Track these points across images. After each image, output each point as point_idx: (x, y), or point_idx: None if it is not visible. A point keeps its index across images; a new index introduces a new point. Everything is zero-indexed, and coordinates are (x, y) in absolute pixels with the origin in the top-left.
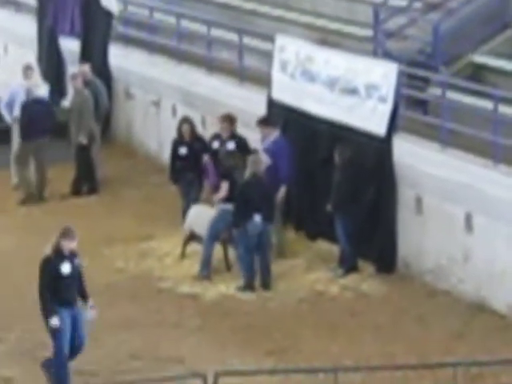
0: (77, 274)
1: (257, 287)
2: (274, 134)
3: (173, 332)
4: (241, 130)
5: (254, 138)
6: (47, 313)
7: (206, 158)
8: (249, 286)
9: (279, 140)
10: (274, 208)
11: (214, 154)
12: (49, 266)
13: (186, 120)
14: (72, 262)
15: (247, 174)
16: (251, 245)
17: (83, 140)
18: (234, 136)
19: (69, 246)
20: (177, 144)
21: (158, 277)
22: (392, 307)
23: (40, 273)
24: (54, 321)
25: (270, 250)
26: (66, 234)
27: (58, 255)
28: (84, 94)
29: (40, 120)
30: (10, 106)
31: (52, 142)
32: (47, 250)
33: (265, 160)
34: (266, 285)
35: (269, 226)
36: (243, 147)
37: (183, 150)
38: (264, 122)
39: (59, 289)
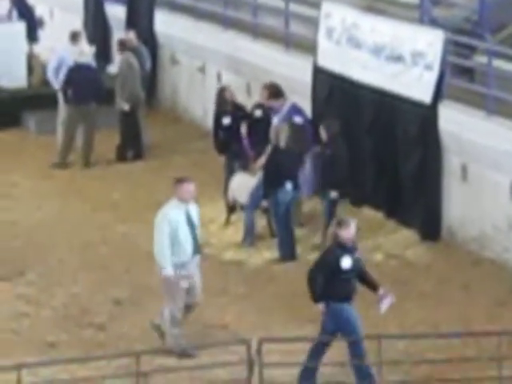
0: (358, 267)
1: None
2: (288, 103)
3: (217, 298)
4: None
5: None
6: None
7: (243, 127)
8: (287, 256)
9: (293, 109)
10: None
11: (256, 121)
12: (329, 258)
13: (225, 88)
14: (353, 255)
15: (273, 142)
16: (284, 213)
17: (125, 106)
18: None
19: (347, 235)
20: (219, 114)
21: (202, 243)
22: (436, 275)
23: (319, 262)
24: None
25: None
26: (342, 223)
27: (339, 247)
28: (130, 60)
29: (86, 86)
30: (56, 71)
31: (98, 108)
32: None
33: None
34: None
35: (297, 193)
36: None
37: (226, 120)
38: (276, 94)
39: (336, 283)
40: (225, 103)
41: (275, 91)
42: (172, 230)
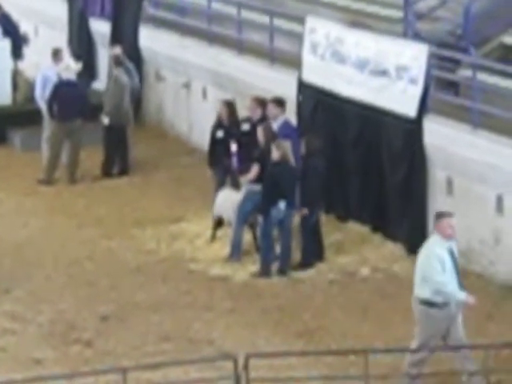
0: None
1: (273, 273)
2: (282, 117)
3: (203, 314)
4: None
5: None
6: None
7: (232, 144)
8: (264, 273)
9: (286, 125)
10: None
11: (244, 135)
12: None
13: (224, 103)
14: None
15: (275, 158)
16: (271, 230)
17: (104, 120)
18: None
19: None
20: (215, 127)
21: (188, 259)
22: None
23: None
24: None
25: (291, 236)
26: None
27: None
28: (120, 75)
29: (72, 102)
30: (43, 90)
31: (83, 124)
32: None
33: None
34: (283, 271)
35: (291, 211)
36: None
37: (220, 134)
38: (278, 102)
39: None
40: (219, 116)
41: (281, 100)
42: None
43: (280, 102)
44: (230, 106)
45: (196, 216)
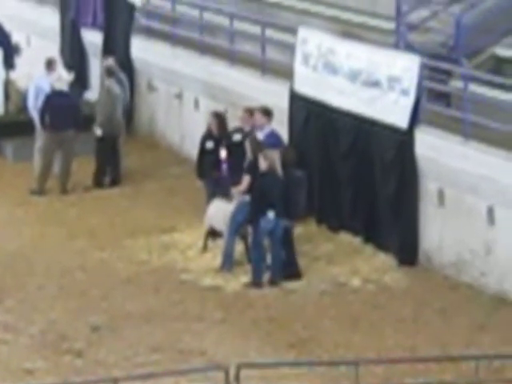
0: None
1: (265, 283)
2: (269, 126)
3: (195, 324)
4: None
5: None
6: None
7: (222, 151)
8: (255, 283)
9: (272, 135)
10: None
11: (235, 146)
12: None
13: (213, 114)
14: None
15: (263, 168)
16: (262, 241)
17: (97, 131)
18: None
19: None
20: (204, 138)
21: (180, 269)
22: (414, 300)
23: None
24: None
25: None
26: None
27: None
28: (111, 86)
29: (64, 112)
30: (35, 100)
31: (75, 135)
32: None
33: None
34: (275, 282)
35: (280, 221)
36: None
37: (210, 144)
38: (265, 112)
39: None
40: (209, 128)
41: (268, 110)
42: None
43: (267, 112)
44: (219, 117)
45: (188, 226)
